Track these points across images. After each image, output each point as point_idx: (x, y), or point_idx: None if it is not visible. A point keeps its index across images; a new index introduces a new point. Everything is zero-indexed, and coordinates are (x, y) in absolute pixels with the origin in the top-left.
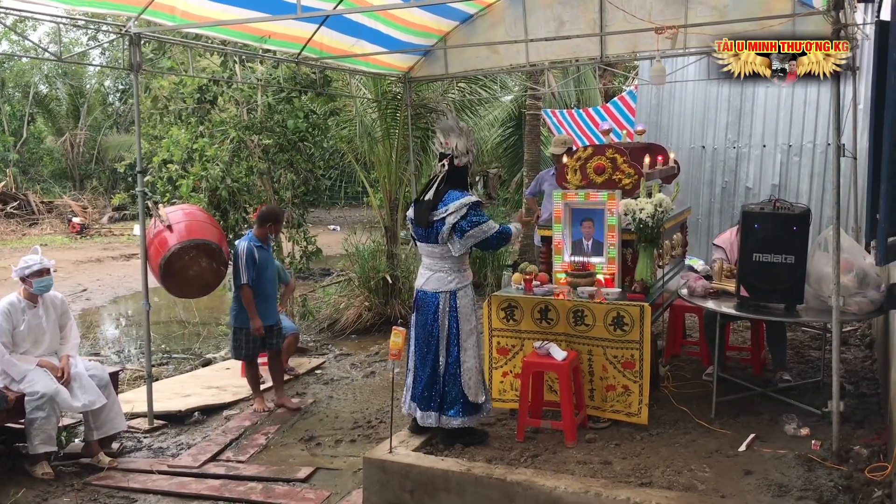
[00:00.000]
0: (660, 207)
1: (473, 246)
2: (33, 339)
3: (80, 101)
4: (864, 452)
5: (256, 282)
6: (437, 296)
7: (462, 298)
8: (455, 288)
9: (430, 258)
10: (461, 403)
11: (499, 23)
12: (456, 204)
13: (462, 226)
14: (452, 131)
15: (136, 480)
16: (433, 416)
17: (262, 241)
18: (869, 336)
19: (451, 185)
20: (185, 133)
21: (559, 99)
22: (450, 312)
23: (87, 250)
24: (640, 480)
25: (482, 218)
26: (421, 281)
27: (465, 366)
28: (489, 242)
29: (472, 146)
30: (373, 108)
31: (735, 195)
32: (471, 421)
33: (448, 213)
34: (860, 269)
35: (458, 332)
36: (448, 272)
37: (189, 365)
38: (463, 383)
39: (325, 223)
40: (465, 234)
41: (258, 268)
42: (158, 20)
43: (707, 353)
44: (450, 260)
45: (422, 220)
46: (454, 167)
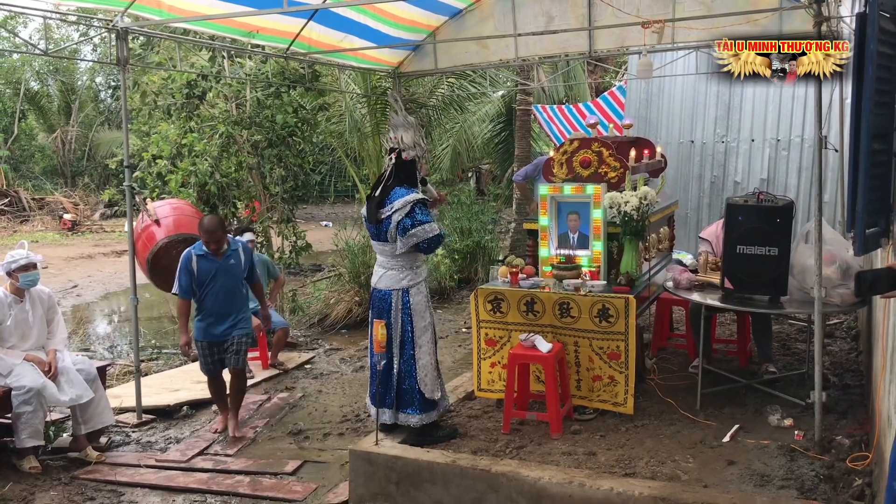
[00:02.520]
0: (644, 200)
1: (413, 247)
2: (20, 334)
3: (71, 97)
4: (847, 442)
5: (199, 294)
6: (389, 293)
7: (415, 296)
8: (408, 285)
9: (382, 255)
10: (418, 401)
11: (488, 18)
12: (401, 201)
13: (405, 223)
14: (400, 125)
15: (123, 474)
16: (387, 413)
17: (211, 250)
18: (855, 328)
19: (399, 181)
20: (174, 128)
21: (549, 94)
22: (402, 310)
23: (78, 247)
24: (624, 471)
25: (426, 218)
26: (375, 279)
27: (420, 363)
28: (427, 245)
29: (420, 140)
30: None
31: (724, 189)
32: (428, 418)
33: (394, 210)
34: (843, 261)
35: (413, 329)
36: (400, 269)
37: (178, 360)
38: (419, 380)
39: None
40: (408, 233)
41: (199, 279)
42: (145, 14)
43: (693, 346)
44: (401, 257)
45: (371, 217)
46: (402, 161)
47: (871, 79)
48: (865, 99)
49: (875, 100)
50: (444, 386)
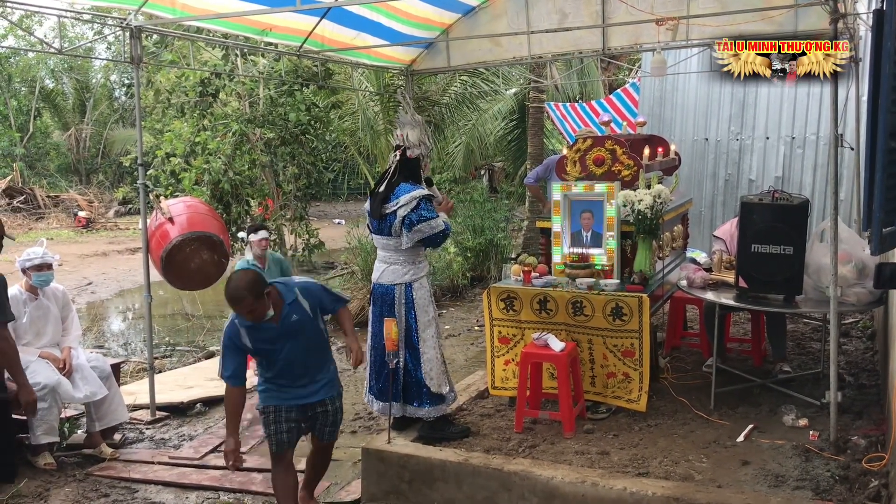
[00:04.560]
0: (658, 199)
1: (419, 242)
2: (35, 331)
3: (85, 95)
4: (862, 443)
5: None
6: (392, 288)
7: (418, 290)
8: (410, 280)
9: (385, 250)
10: (425, 394)
11: (501, 15)
12: (406, 197)
13: (411, 218)
14: (407, 123)
15: (137, 471)
16: (395, 406)
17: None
18: (870, 327)
19: (404, 177)
20: (188, 126)
21: (562, 92)
22: (406, 304)
23: (92, 244)
24: (638, 470)
25: (431, 214)
26: (377, 274)
27: (424, 357)
28: (434, 240)
29: (425, 139)
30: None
31: (738, 187)
32: (436, 411)
33: (399, 205)
34: (859, 260)
35: (417, 323)
36: (403, 264)
37: (192, 357)
38: (424, 374)
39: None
40: (413, 228)
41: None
42: (159, 13)
43: (707, 345)
44: (404, 252)
45: (375, 212)
46: (406, 158)
47: (889, 76)
48: (882, 96)
49: (892, 97)
50: (451, 380)
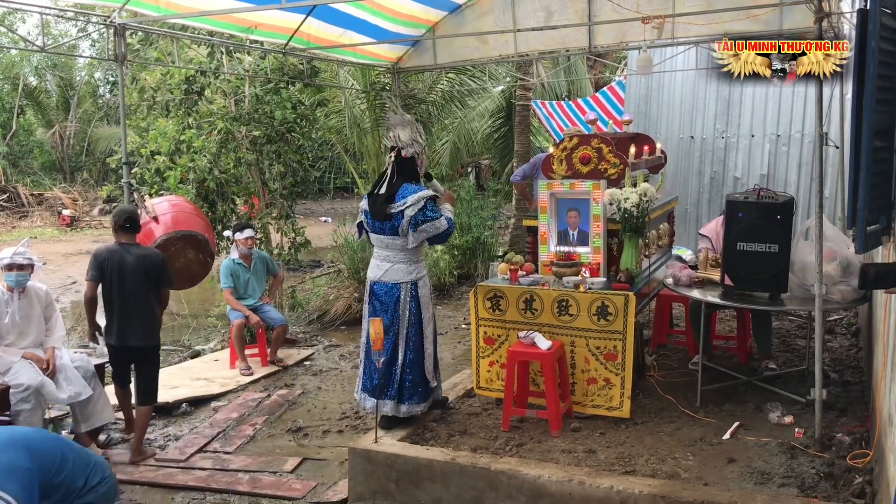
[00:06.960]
0: (644, 197)
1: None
2: (18, 332)
3: (69, 93)
4: (847, 440)
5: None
6: (398, 286)
7: (422, 287)
8: (416, 278)
9: (389, 250)
10: (422, 390)
11: (487, 13)
12: (414, 197)
13: (418, 218)
14: (398, 124)
15: (122, 472)
16: (389, 405)
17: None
18: (855, 325)
19: (404, 177)
20: (173, 124)
21: (549, 90)
22: (411, 301)
23: (77, 242)
24: (624, 469)
25: (437, 214)
26: (378, 273)
27: (426, 352)
28: (438, 238)
29: (417, 136)
30: (361, 98)
31: (724, 185)
32: (427, 405)
33: (406, 205)
34: (844, 258)
35: (420, 320)
36: (408, 263)
37: (178, 357)
38: (425, 368)
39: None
40: (419, 228)
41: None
42: (143, 10)
43: (693, 343)
44: (410, 251)
45: (379, 213)
46: (402, 158)
47: (873, 76)
48: (867, 96)
49: (876, 97)
50: (440, 376)
